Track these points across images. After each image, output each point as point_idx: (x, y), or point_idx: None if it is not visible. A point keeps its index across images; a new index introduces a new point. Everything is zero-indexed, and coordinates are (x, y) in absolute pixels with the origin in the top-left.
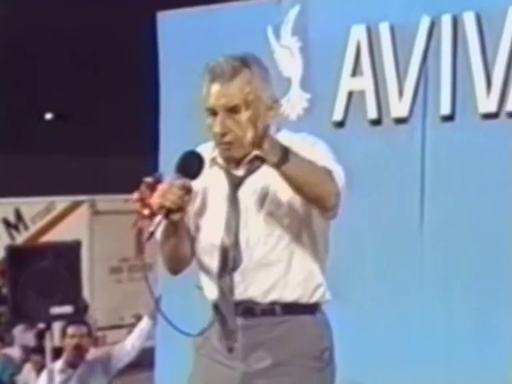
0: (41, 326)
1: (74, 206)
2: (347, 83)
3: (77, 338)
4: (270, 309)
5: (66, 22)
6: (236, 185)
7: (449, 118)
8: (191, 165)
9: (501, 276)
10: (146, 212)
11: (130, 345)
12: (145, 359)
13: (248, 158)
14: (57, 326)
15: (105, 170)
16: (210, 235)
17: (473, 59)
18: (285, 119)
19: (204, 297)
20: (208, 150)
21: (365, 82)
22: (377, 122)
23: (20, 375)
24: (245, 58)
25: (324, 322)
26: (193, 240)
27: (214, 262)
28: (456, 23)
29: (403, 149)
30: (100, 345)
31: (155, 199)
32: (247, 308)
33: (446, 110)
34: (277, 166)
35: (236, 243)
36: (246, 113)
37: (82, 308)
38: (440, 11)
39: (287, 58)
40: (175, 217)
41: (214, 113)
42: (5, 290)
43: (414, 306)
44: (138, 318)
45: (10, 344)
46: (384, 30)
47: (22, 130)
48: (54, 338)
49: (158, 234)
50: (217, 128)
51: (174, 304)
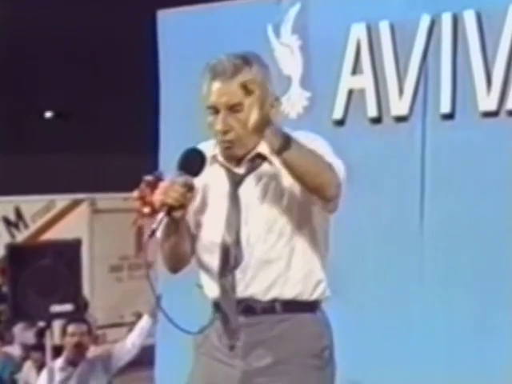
0: (41, 324)
1: (74, 204)
2: (347, 81)
3: (77, 336)
4: (271, 306)
5: (66, 20)
6: (237, 183)
7: (449, 117)
8: (193, 162)
9: (501, 276)
10: (146, 210)
11: (130, 343)
12: (145, 357)
13: (249, 157)
14: (57, 324)
15: (105, 169)
16: (211, 233)
17: (473, 57)
18: (285, 117)
19: (204, 295)
20: (208, 148)
21: (365, 81)
22: (377, 121)
23: (20, 373)
24: (246, 56)
25: (324, 321)
26: (193, 238)
27: (214, 260)
28: (456, 22)
29: (403, 147)
30: (100, 343)
31: (157, 196)
32: (248, 306)
33: (446, 108)
34: (278, 152)
35: (237, 241)
36: (251, 109)
37: (82, 306)
38: (440, 9)
39: (287, 56)
40: (177, 214)
41: (215, 111)
42: (5, 289)
43: (413, 305)
44: (138, 316)
45: (10, 342)
46: (384, 28)
47: (22, 129)
48: (54, 336)
49: (159, 232)
50: (218, 126)
51: (174, 302)
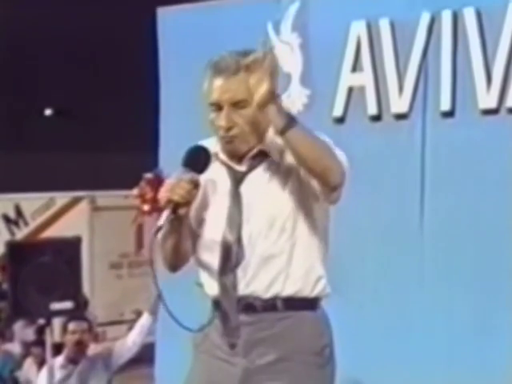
0: (41, 321)
1: (74, 201)
2: (347, 79)
3: (78, 333)
4: (272, 304)
5: (66, 18)
6: (238, 180)
7: (449, 114)
8: (198, 159)
9: (501, 275)
10: (145, 208)
11: (131, 341)
12: (145, 355)
13: (251, 154)
14: (57, 321)
15: (105, 166)
16: (212, 231)
17: (473, 55)
18: None
19: (203, 294)
20: (209, 146)
21: (365, 78)
22: (377, 118)
23: (21, 370)
24: (248, 53)
25: (324, 319)
26: (194, 236)
27: (215, 258)
28: (456, 19)
29: (403, 145)
30: (100, 340)
31: (163, 193)
32: (249, 304)
33: (446, 105)
34: (282, 131)
35: (238, 239)
36: (251, 107)
37: (82, 304)
38: (440, 7)
39: (287, 53)
40: (182, 211)
41: (218, 107)
42: (5, 286)
43: (413, 304)
44: (138, 313)
45: (11, 340)
46: (384, 25)
47: (22, 126)
48: (53, 334)
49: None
50: (222, 122)
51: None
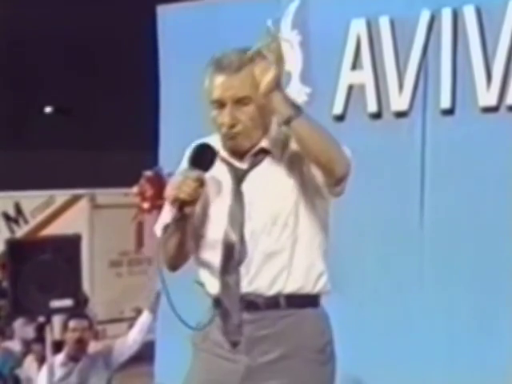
0: (41, 319)
1: (74, 199)
2: (347, 77)
3: (78, 331)
4: (274, 302)
5: (66, 16)
6: (239, 178)
7: (449, 112)
8: (203, 157)
9: (501, 273)
10: (145, 206)
11: (131, 339)
12: (145, 353)
13: (253, 151)
14: (57, 319)
15: (104, 164)
16: (214, 229)
17: (473, 53)
18: None
19: (203, 292)
20: (214, 143)
21: (365, 76)
22: (377, 116)
23: (21, 368)
24: (252, 52)
25: (325, 316)
26: (195, 234)
27: (216, 256)
28: (456, 17)
29: (403, 142)
30: (100, 338)
31: (170, 191)
32: (251, 302)
33: (446, 103)
34: (288, 120)
35: (241, 236)
36: (254, 104)
37: (81, 301)
38: (440, 5)
39: (287, 51)
40: (188, 209)
41: (221, 104)
42: (5, 284)
43: (413, 303)
44: (138, 311)
45: (11, 337)
46: (384, 23)
47: (22, 124)
48: (53, 332)
49: (159, 231)
50: (226, 119)
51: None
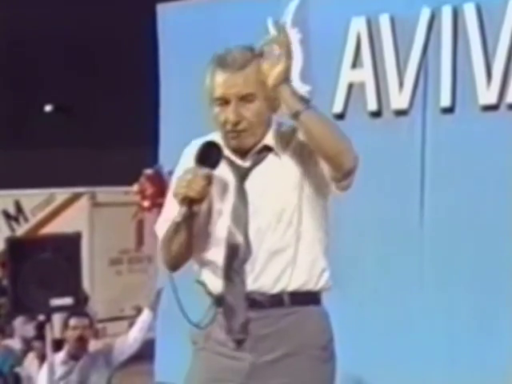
0: (41, 317)
1: (74, 197)
2: (347, 75)
3: (79, 329)
4: (278, 299)
5: (67, 15)
6: (242, 176)
7: (449, 110)
8: (211, 155)
9: (501, 273)
10: (145, 204)
11: (132, 338)
12: (145, 351)
13: (256, 149)
14: (57, 317)
15: (105, 162)
16: (217, 228)
17: (473, 51)
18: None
19: (204, 291)
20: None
21: (365, 74)
22: (377, 114)
23: (21, 366)
24: (253, 49)
25: (326, 314)
26: (197, 233)
27: (220, 254)
28: (456, 15)
29: (403, 141)
30: (100, 337)
31: (179, 189)
32: (256, 300)
33: (446, 101)
34: (297, 113)
35: (245, 234)
36: (261, 100)
37: (82, 300)
38: (440, 3)
39: None
40: (196, 208)
41: (224, 102)
42: (5, 282)
43: (413, 302)
44: (138, 309)
45: (11, 336)
46: (384, 21)
47: (22, 122)
48: (53, 330)
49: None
50: (230, 116)
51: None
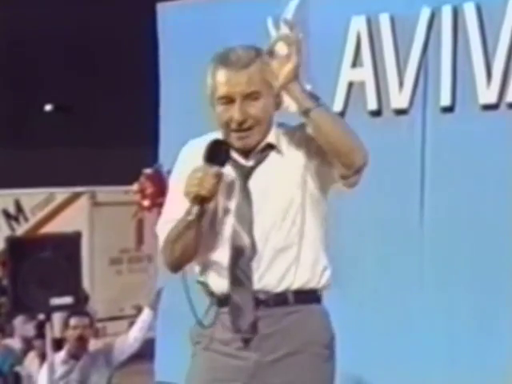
0: (41, 317)
1: (74, 197)
2: (347, 74)
3: (79, 329)
4: (283, 298)
5: (67, 14)
6: (246, 175)
7: (449, 109)
8: (219, 153)
9: (501, 271)
10: (145, 203)
11: (132, 337)
12: (145, 350)
13: (259, 147)
14: (57, 317)
15: (104, 162)
16: (222, 227)
17: (473, 50)
18: (284, 111)
19: (205, 291)
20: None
21: (365, 73)
22: (377, 113)
23: (21, 365)
24: (256, 47)
25: (327, 313)
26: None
27: (225, 254)
28: (456, 14)
29: (403, 140)
30: (100, 336)
31: (191, 188)
32: (260, 299)
33: (446, 101)
34: (308, 110)
35: (250, 232)
36: (265, 98)
37: (82, 299)
38: (440, 2)
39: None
40: (206, 206)
41: (229, 100)
42: (5, 282)
43: (413, 302)
44: (138, 309)
45: (11, 335)
46: (384, 20)
47: (22, 122)
48: (53, 329)
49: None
50: (236, 115)
51: (174, 296)
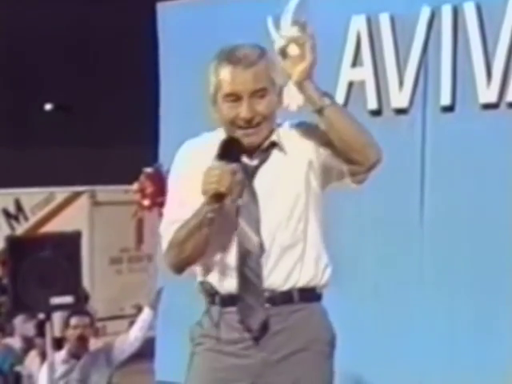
0: (41, 316)
1: (74, 196)
2: (347, 74)
3: (80, 328)
4: (288, 296)
5: (67, 13)
6: (250, 174)
7: (449, 109)
8: (232, 150)
9: (501, 271)
10: (145, 202)
11: (133, 336)
12: (146, 350)
13: (264, 146)
14: (57, 316)
15: (105, 161)
16: (228, 226)
17: (473, 49)
18: (285, 110)
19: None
20: (212, 141)
21: (365, 73)
22: (377, 113)
23: (22, 364)
24: (260, 46)
25: (326, 311)
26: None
27: (232, 253)
28: (456, 13)
29: (403, 139)
30: (100, 335)
31: (209, 185)
32: (268, 297)
33: (446, 100)
34: (322, 109)
35: (258, 231)
36: (271, 95)
37: (82, 298)
38: (440, 2)
39: None
40: (222, 203)
41: (236, 98)
42: (5, 281)
43: (413, 302)
44: (138, 308)
45: (11, 334)
46: (384, 20)
47: (22, 121)
48: (54, 329)
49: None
50: (244, 112)
51: (174, 295)
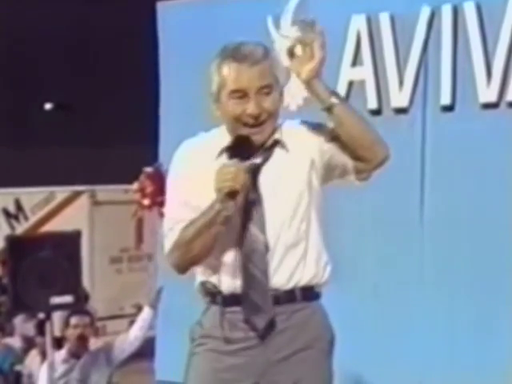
0: (41, 315)
1: (74, 196)
2: (347, 73)
3: (80, 328)
4: (292, 295)
5: (67, 12)
6: (254, 173)
7: (449, 108)
8: (243, 148)
9: (501, 270)
10: (145, 202)
11: (133, 336)
12: (146, 349)
13: (267, 144)
14: (57, 315)
15: (105, 161)
16: (232, 226)
17: (473, 49)
18: (285, 109)
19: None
20: (213, 140)
21: (365, 72)
22: (377, 112)
23: (22, 364)
24: (263, 44)
25: (325, 310)
26: None
27: (236, 252)
28: (456, 13)
29: (403, 139)
30: (100, 335)
31: (224, 183)
32: (272, 296)
33: (446, 100)
34: (331, 107)
35: (263, 230)
36: (275, 93)
37: (82, 298)
38: (440, 1)
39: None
40: (235, 201)
41: (243, 95)
42: (5, 280)
43: (413, 302)
44: (138, 307)
45: (11, 334)
46: (384, 19)
47: (22, 120)
48: (54, 328)
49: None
50: (251, 109)
51: (174, 295)
